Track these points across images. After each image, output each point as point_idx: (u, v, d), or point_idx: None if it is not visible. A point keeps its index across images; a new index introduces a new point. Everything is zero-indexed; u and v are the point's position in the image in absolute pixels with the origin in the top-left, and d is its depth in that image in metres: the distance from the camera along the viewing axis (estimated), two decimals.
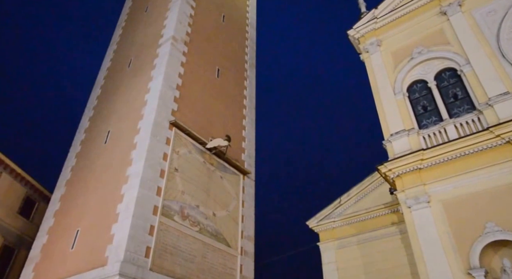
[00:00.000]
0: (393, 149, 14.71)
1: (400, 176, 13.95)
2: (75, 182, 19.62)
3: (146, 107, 18.83)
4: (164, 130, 18.06)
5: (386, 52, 17.62)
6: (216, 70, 24.19)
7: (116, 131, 19.76)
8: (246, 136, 23.76)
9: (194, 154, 19.03)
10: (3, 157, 21.48)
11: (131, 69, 23.10)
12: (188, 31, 23.31)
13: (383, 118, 15.89)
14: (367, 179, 18.93)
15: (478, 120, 13.44)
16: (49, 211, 19.43)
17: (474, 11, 15.69)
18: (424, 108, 15.38)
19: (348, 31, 19.23)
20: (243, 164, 22.15)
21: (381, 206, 17.75)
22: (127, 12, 30.07)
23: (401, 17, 17.84)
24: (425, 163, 13.58)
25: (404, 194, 13.64)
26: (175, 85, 20.14)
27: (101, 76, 25.73)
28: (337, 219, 18.91)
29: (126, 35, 27.44)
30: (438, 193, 13.09)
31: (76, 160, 20.98)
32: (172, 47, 21.25)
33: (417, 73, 16.14)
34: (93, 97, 24.57)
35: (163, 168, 17.04)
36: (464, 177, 12.79)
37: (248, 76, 27.30)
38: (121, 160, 17.59)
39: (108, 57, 27.17)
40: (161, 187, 16.42)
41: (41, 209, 22.84)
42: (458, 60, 14.99)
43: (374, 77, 17.21)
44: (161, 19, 24.09)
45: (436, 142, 13.97)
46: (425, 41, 16.49)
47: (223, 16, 28.07)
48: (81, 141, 21.88)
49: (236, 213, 19.93)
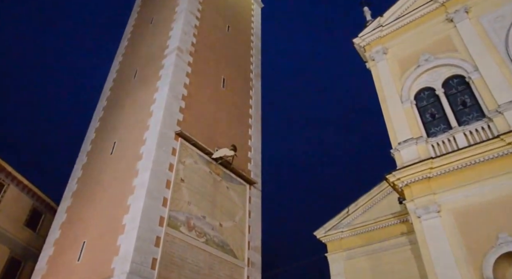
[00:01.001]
0: (401, 158, 14.48)
1: (409, 185, 13.70)
2: (82, 193, 19.58)
3: (151, 118, 18.83)
4: (170, 141, 18.03)
5: (392, 60, 17.49)
6: (222, 80, 24.22)
7: (122, 142, 19.76)
8: (252, 146, 23.66)
9: (200, 164, 18.95)
10: (11, 168, 21.62)
11: (137, 80, 23.19)
12: (193, 41, 23.41)
13: (391, 127, 15.69)
14: (375, 188, 18.67)
15: (488, 128, 13.18)
16: (56, 223, 19.37)
17: (481, 17, 15.50)
18: (432, 116, 15.18)
19: (354, 40, 19.16)
20: (249, 173, 22.01)
21: (390, 215, 17.45)
22: (133, 24, 30.30)
23: (407, 25, 17.73)
24: (435, 172, 13.33)
25: (413, 204, 13.36)
26: (181, 96, 20.15)
27: (107, 88, 25.84)
28: (345, 229, 18.63)
29: (132, 47, 27.62)
30: (448, 202, 12.81)
31: (82, 171, 20.95)
32: (177, 58, 21.32)
33: (424, 80, 15.96)
34: (99, 108, 24.66)
35: (169, 178, 16.97)
36: (475, 186, 12.51)
37: (254, 86, 27.30)
38: (127, 170, 17.54)
39: (114, 68, 27.32)
40: (167, 198, 16.33)
41: (48, 221, 22.85)
42: (466, 67, 14.80)
43: (381, 85, 17.06)
44: (167, 30, 24.23)
45: (445, 150, 13.71)
46: (432, 48, 16.34)
47: (228, 26, 28.20)
48: (87, 152, 21.88)
49: (243, 224, 19.74)
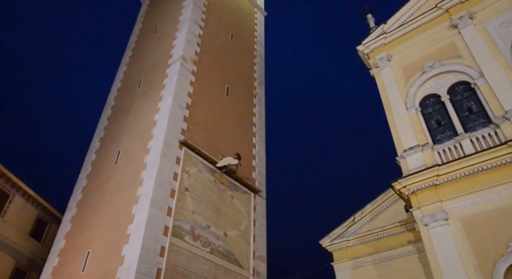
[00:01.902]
0: (407, 165, 14.31)
1: (416, 192, 13.52)
2: (86, 203, 19.54)
3: (156, 127, 18.84)
4: (174, 150, 18.00)
5: (396, 67, 17.41)
6: (225, 88, 24.25)
7: (127, 151, 19.75)
8: (256, 154, 23.57)
9: (204, 173, 18.88)
10: (16, 179, 21.66)
11: (141, 89, 23.27)
12: (197, 50, 23.50)
13: (396, 134, 15.55)
14: (381, 196, 18.47)
15: (495, 134, 13.01)
16: (60, 233, 19.33)
17: (486, 23, 15.37)
18: (437, 122, 15.03)
19: (357, 47, 19.10)
20: (254, 182, 21.91)
21: (397, 224, 17.23)
22: (137, 34, 30.52)
23: (411, 32, 17.63)
24: (441, 179, 13.14)
25: (420, 211, 13.16)
26: (185, 105, 20.17)
27: (112, 97, 25.95)
28: (351, 237, 18.40)
29: (136, 56, 27.78)
30: (456, 210, 12.60)
31: (87, 181, 20.95)
32: (181, 67, 21.38)
33: (429, 87, 15.85)
34: (104, 117, 24.74)
35: (174, 187, 16.91)
36: (483, 193, 12.30)
37: (257, 94, 27.30)
38: (132, 180, 17.51)
39: (118, 78, 27.46)
40: (172, 207, 16.25)
41: (53, 231, 22.80)
42: (472, 73, 14.68)
43: (385, 92, 16.96)
44: (170, 39, 24.36)
45: (451, 157, 13.54)
46: (437, 55, 16.24)
47: (231, 35, 28.32)
48: (92, 162, 21.90)
49: (248, 233, 19.58)
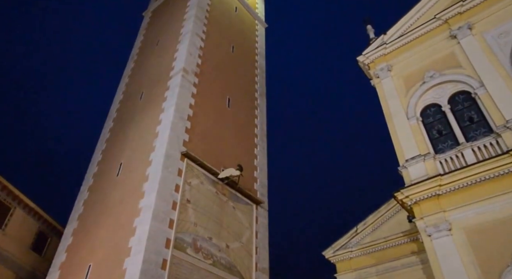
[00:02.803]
0: (409, 175, 14.26)
1: (418, 202, 13.44)
2: (88, 215, 19.49)
3: (157, 139, 18.87)
4: (176, 162, 17.99)
5: (397, 77, 17.48)
6: (227, 100, 24.34)
7: (128, 163, 19.76)
8: (258, 165, 23.55)
9: (206, 185, 18.84)
10: (17, 191, 21.62)
11: (143, 101, 23.38)
12: (198, 62, 23.66)
13: (397, 144, 15.53)
14: (384, 206, 18.41)
15: (497, 144, 12.99)
16: (62, 246, 19.24)
17: (485, 33, 15.48)
18: (439, 132, 15.03)
19: (358, 57, 19.21)
20: (255, 193, 21.84)
21: (400, 234, 17.11)
22: (139, 46, 30.80)
23: (411, 42, 17.75)
24: (444, 189, 13.07)
25: (423, 222, 13.06)
26: (186, 116, 20.24)
27: (114, 109, 26.08)
28: (354, 248, 18.27)
29: (138, 68, 27.98)
30: (459, 220, 12.51)
31: (88, 193, 20.92)
32: (182, 79, 21.51)
33: (430, 97, 15.89)
34: (106, 130, 24.81)
35: (175, 199, 16.86)
36: (486, 203, 12.22)
37: (259, 105, 27.39)
38: (133, 192, 17.48)
39: (120, 90, 27.62)
40: (174, 219, 16.18)
41: (54, 244, 22.68)
42: (472, 83, 14.73)
43: (386, 102, 17.00)
44: (172, 51, 24.56)
45: (453, 167, 13.49)
46: (437, 65, 16.32)
47: (233, 46, 28.54)
48: (93, 174, 21.90)
49: (250, 245, 19.45)
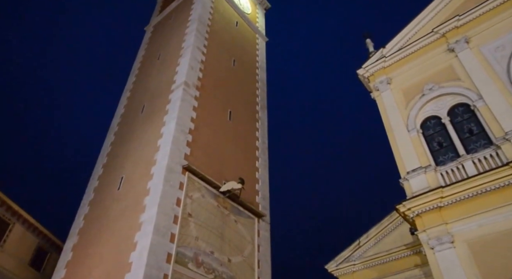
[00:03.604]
0: (411, 187, 14.26)
1: (420, 215, 13.40)
2: (88, 230, 19.39)
3: (159, 153, 18.91)
4: (177, 175, 17.99)
5: (396, 90, 17.60)
6: (228, 113, 24.45)
7: (130, 177, 19.76)
8: (259, 178, 23.53)
9: (207, 198, 18.80)
10: (17, 207, 21.38)
11: (144, 115, 23.49)
12: (199, 76, 23.84)
13: (398, 156, 15.56)
14: (386, 218, 18.35)
15: (497, 155, 13.02)
16: (61, 262, 19.08)
17: (482, 47, 15.69)
18: (439, 144, 15.07)
19: (358, 70, 19.39)
20: (257, 206, 21.77)
21: (403, 247, 17.02)
22: (141, 60, 31.09)
23: (410, 55, 17.93)
24: (445, 201, 13.04)
25: (426, 234, 13.01)
26: (188, 130, 20.30)
27: (115, 123, 26.18)
28: (357, 262, 18.16)
29: (139, 82, 28.19)
30: (461, 232, 12.45)
31: (89, 207, 20.86)
32: (184, 92, 21.64)
33: (429, 109, 15.99)
34: (107, 143, 24.87)
35: (177, 213, 16.80)
36: (488, 215, 12.19)
37: (260, 118, 27.50)
38: (134, 206, 17.44)
39: (122, 104, 27.78)
40: (175, 234, 16.09)
41: (53, 260, 22.42)
42: (470, 95, 14.85)
43: (386, 115, 17.09)
44: (173, 65, 24.77)
45: (454, 179, 13.50)
46: (435, 77, 16.46)
47: (234, 60, 28.79)
48: (94, 188, 21.87)
49: (252, 259, 19.30)
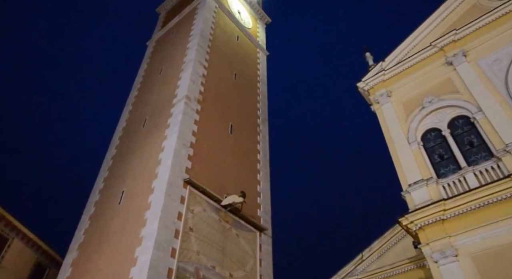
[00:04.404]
0: (413, 200, 14.20)
1: (423, 228, 13.30)
2: (88, 245, 19.25)
3: (160, 166, 18.92)
4: (179, 189, 17.96)
5: (397, 103, 17.68)
6: (229, 126, 24.53)
7: (131, 191, 19.73)
8: (261, 192, 23.45)
9: (209, 212, 18.73)
10: (16, 222, 21.06)
11: (146, 129, 23.58)
12: (201, 90, 24.00)
13: (400, 169, 15.54)
14: (389, 231, 18.23)
15: (498, 168, 13.00)
16: (60, 277, 18.87)
17: (479, 60, 15.85)
18: (440, 156, 15.06)
19: (358, 84, 19.52)
20: (259, 220, 21.65)
21: (406, 260, 16.86)
22: (143, 74, 31.36)
23: (409, 69, 18.06)
24: (448, 213, 12.96)
25: (429, 248, 12.89)
26: (189, 143, 20.35)
27: (117, 137, 26.25)
28: (361, 276, 17.98)
29: (141, 96, 28.38)
30: (465, 245, 12.34)
31: (89, 222, 20.75)
32: (185, 106, 21.77)
33: (430, 122, 16.03)
34: (108, 157, 24.89)
35: (178, 227, 16.71)
36: (491, 228, 12.08)
37: (261, 131, 27.56)
38: (135, 220, 17.37)
39: (123, 117, 27.91)
40: (176, 248, 15.98)
41: (52, 275, 22.08)
42: (470, 108, 14.91)
43: (387, 127, 17.13)
44: (175, 79, 24.97)
45: (456, 191, 13.44)
46: (435, 90, 16.56)
47: (235, 74, 29.02)
48: (95, 202, 21.79)
49: (254, 273, 19.10)
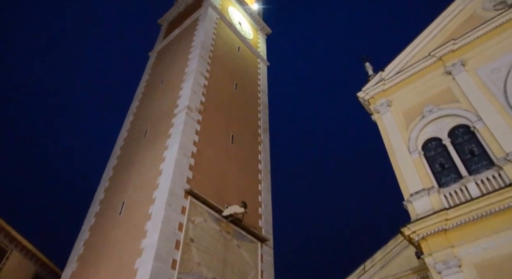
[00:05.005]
0: (415, 209, 14.12)
1: (425, 238, 13.20)
2: (88, 256, 19.13)
3: (161, 177, 18.90)
4: (180, 200, 17.92)
5: (397, 112, 17.71)
6: (230, 136, 24.56)
7: (131, 201, 19.69)
8: (262, 202, 23.37)
9: (210, 222, 18.65)
10: (15, 233, 20.86)
11: (147, 139, 23.62)
12: (202, 100, 24.07)
13: (401, 178, 15.49)
14: (391, 242, 18.09)
15: (499, 176, 12.95)
16: None
17: (478, 69, 15.93)
18: (441, 165, 15.03)
19: (358, 93, 19.58)
20: (260, 230, 21.53)
21: (409, 271, 16.72)
22: (144, 85, 31.54)
23: (408, 78, 18.12)
24: (450, 223, 12.87)
25: (432, 258, 12.77)
26: (190, 154, 20.36)
27: (118, 147, 26.29)
28: None
29: (142, 106, 28.50)
30: (468, 255, 12.22)
31: (89, 233, 20.65)
32: (187, 116, 21.82)
33: (430, 131, 16.04)
34: (109, 168, 24.89)
35: (179, 238, 16.63)
36: (494, 238, 11.97)
37: (262, 141, 27.58)
38: (136, 231, 17.29)
39: (125, 128, 28.00)
40: (176, 259, 15.87)
41: None
42: (470, 117, 14.92)
43: (388, 137, 17.13)
44: (176, 90, 25.09)
45: (458, 200, 13.38)
46: (434, 99, 16.59)
47: (236, 84, 29.14)
48: (95, 213, 21.72)
49: None
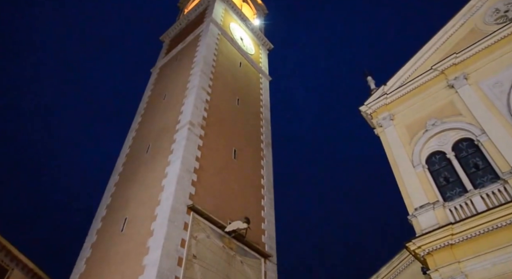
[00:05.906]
0: (420, 224, 13.97)
1: (431, 253, 13.04)
2: (89, 274, 18.83)
3: (163, 193, 18.78)
4: (182, 216, 17.75)
5: (400, 126, 17.69)
6: (233, 151, 24.50)
7: (133, 218, 19.52)
8: (265, 217, 23.14)
9: (212, 239, 18.45)
10: (16, 252, 20.26)
11: (149, 155, 23.57)
12: (204, 115, 24.08)
13: (405, 192, 15.38)
14: (397, 257, 17.88)
15: (505, 190, 12.85)
16: None
17: (480, 83, 15.98)
18: (446, 179, 14.93)
19: (360, 108, 19.61)
20: (263, 246, 21.26)
21: None
22: (146, 100, 31.61)
23: (411, 92, 18.18)
24: (456, 238, 12.72)
25: (439, 274, 12.58)
26: (193, 169, 20.25)
27: (120, 163, 26.19)
28: None
29: (145, 122, 28.53)
30: (475, 271, 12.03)
31: (91, 250, 20.36)
32: (189, 132, 21.78)
33: (434, 144, 15.99)
34: (111, 184, 24.73)
35: (181, 255, 16.39)
36: (500, 253, 11.82)
37: (265, 156, 27.47)
38: (138, 248, 17.09)
39: (127, 144, 27.93)
40: (179, 277, 15.57)
41: None
42: (473, 130, 14.89)
43: (391, 151, 17.08)
44: (179, 105, 25.13)
45: (464, 215, 13.24)
46: (437, 113, 16.60)
47: (238, 99, 29.22)
48: (97, 230, 21.47)
49: None
